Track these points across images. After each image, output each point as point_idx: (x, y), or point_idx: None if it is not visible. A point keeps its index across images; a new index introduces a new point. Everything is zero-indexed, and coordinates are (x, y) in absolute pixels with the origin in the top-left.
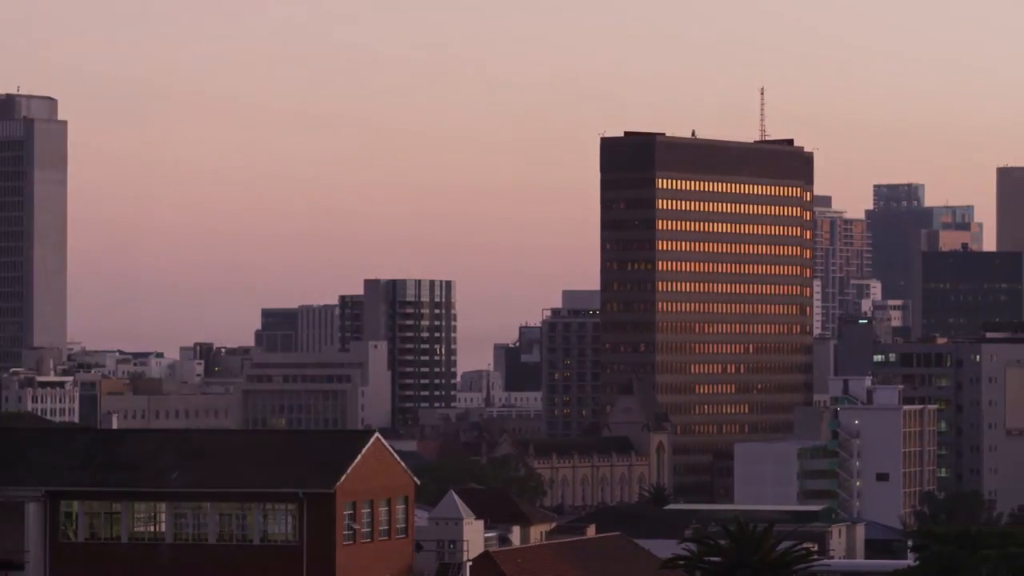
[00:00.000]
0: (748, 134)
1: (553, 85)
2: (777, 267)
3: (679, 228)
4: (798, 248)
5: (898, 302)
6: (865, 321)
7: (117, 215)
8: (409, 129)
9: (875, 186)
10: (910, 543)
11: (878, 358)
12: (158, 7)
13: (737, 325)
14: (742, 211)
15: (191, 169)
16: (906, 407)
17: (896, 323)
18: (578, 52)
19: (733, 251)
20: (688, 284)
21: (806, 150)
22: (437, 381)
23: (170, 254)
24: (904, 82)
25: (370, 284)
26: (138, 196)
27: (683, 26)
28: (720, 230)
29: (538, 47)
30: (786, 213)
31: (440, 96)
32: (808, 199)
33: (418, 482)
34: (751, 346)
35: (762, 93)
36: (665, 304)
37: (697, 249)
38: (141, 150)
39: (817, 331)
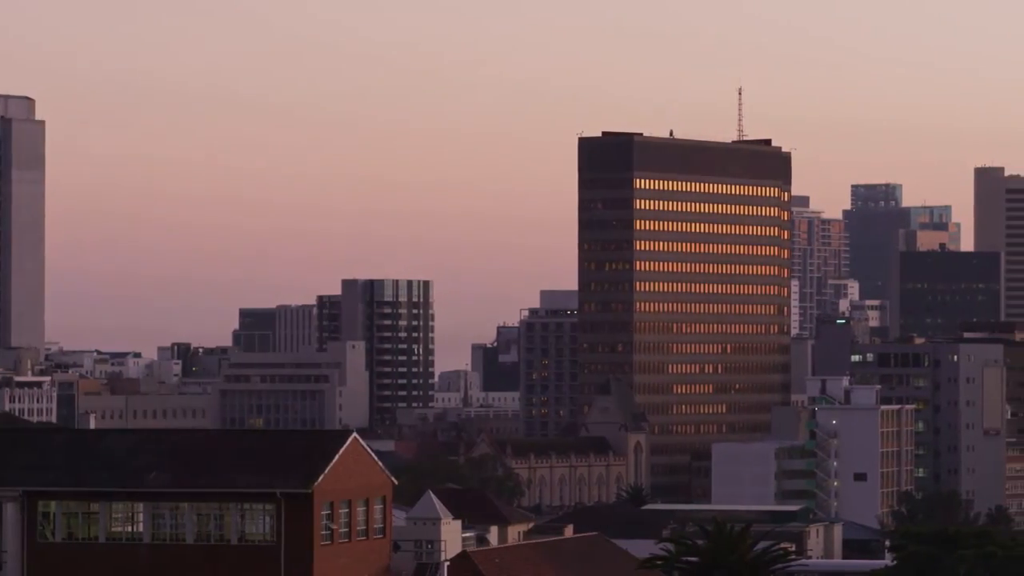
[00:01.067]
0: (726, 134)
1: (531, 85)
2: (755, 267)
3: (657, 228)
4: (776, 248)
5: (876, 302)
6: (843, 321)
7: (95, 215)
8: (387, 128)
9: (853, 186)
10: (888, 543)
11: (856, 358)
12: (136, 6)
13: (715, 325)
14: (720, 211)
15: (168, 169)
16: (884, 407)
17: (874, 323)
18: (556, 52)
19: (711, 251)
20: (666, 284)
21: (784, 150)
22: (415, 381)
23: (148, 254)
24: (882, 82)
25: (348, 284)
26: (115, 196)
27: (661, 26)
28: (698, 230)
29: (516, 46)
30: (764, 213)
31: (418, 95)
32: (786, 199)
33: (396, 482)
34: (729, 346)
35: (740, 93)
36: (643, 304)
37: (675, 249)
38: (119, 150)
39: (795, 331)
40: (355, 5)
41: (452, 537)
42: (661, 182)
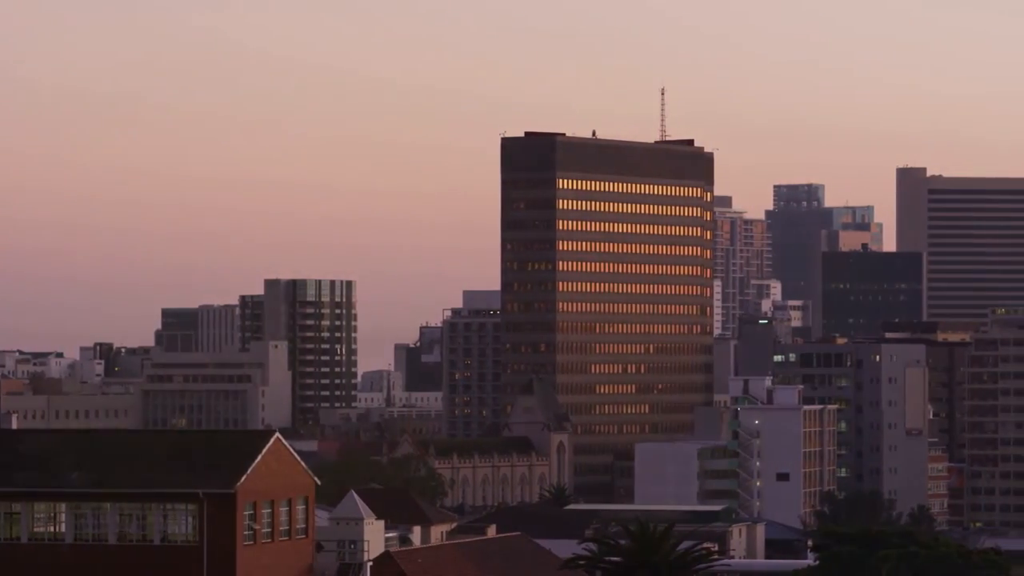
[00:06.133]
0: (649, 134)
1: (453, 85)
2: (677, 267)
3: (580, 228)
4: (698, 248)
5: (798, 302)
6: (765, 321)
7: (14, 214)
8: (309, 130)
9: (775, 186)
10: (810, 543)
11: (778, 358)
12: (40, 8)
13: (637, 325)
14: (642, 211)
15: (89, 168)
16: (806, 407)
17: (796, 323)
18: (478, 52)
19: (633, 251)
20: (588, 284)
21: (706, 150)
22: (337, 381)
23: (69, 254)
24: (804, 83)
25: (270, 284)
26: (35, 195)
27: (583, 26)
28: (620, 230)
29: (437, 48)
30: (686, 213)
31: (341, 98)
32: (708, 199)
33: (319, 482)
34: (651, 346)
35: (663, 94)
36: (565, 304)
37: (597, 249)
38: (37, 149)
39: (717, 331)
40: (275, 9)
41: (375, 537)
42: (584, 182)
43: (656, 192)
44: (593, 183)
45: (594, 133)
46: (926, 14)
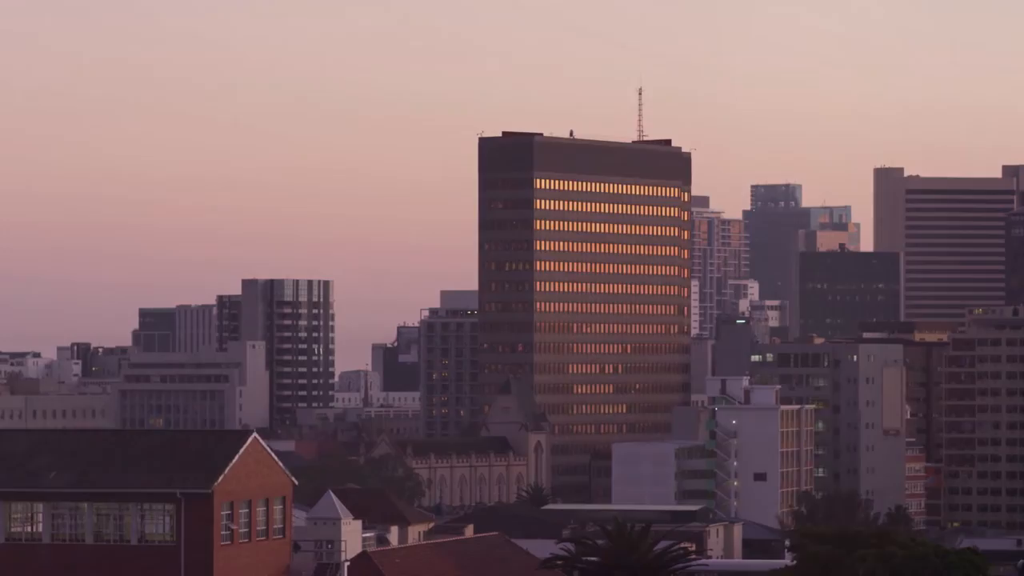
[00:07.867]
0: (626, 134)
1: (431, 85)
2: (655, 267)
3: (557, 228)
4: (676, 248)
5: (775, 302)
6: (743, 321)
7: None
8: (285, 131)
9: (752, 186)
10: (787, 543)
11: (755, 358)
12: (18, 4)
13: (615, 325)
14: (620, 211)
15: (66, 168)
16: (783, 407)
17: (774, 323)
18: (456, 53)
19: (611, 251)
20: (566, 284)
21: (684, 150)
22: (315, 381)
23: (46, 253)
24: (781, 83)
25: (248, 284)
26: (12, 194)
27: (560, 26)
28: (598, 230)
29: (415, 48)
30: (664, 213)
31: (318, 97)
32: (686, 199)
33: (296, 482)
34: (629, 346)
35: (640, 94)
36: (543, 304)
37: (575, 249)
38: (13, 148)
39: (695, 331)
40: (252, 11)
41: (352, 537)
42: (561, 182)
43: (633, 192)
44: (570, 183)
45: (572, 133)
46: (905, 16)
